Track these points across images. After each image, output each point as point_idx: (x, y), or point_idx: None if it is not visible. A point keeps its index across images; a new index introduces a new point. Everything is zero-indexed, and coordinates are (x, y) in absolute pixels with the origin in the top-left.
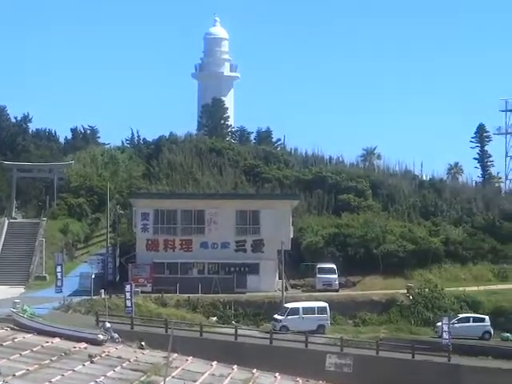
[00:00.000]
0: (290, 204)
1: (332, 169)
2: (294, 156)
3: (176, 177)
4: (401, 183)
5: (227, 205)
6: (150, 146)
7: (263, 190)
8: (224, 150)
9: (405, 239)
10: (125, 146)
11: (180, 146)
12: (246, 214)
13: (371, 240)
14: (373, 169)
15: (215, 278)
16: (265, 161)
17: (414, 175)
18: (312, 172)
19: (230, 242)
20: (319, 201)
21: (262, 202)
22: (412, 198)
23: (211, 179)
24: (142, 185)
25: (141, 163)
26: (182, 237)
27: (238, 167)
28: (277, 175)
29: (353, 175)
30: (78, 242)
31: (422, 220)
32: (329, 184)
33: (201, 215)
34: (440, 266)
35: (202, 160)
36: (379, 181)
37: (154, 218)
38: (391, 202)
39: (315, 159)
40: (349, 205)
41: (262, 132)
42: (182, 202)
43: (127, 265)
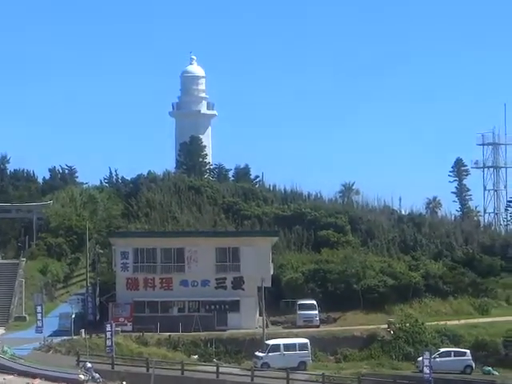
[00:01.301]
0: (269, 241)
1: (311, 205)
2: (272, 193)
3: (155, 215)
4: (380, 218)
5: (207, 242)
6: (128, 185)
7: (243, 227)
8: (203, 187)
9: (385, 274)
10: (103, 186)
11: (158, 184)
12: (225, 252)
13: (351, 275)
14: (351, 204)
15: (196, 316)
16: (244, 198)
17: (393, 210)
18: (291, 208)
19: (210, 279)
20: (299, 237)
21: (242, 239)
22: (391, 233)
23: (190, 217)
24: (121, 224)
25: (119, 202)
26: (162, 275)
27: (217, 205)
28: (256, 212)
29: (332, 211)
30: (58, 282)
31: (401, 255)
32: (308, 220)
33: (180, 253)
34: (420, 301)
35: (180, 198)
36: (358, 216)
37: (134, 257)
38: (370, 237)
39: (294, 195)
40: (328, 241)
41: (240, 169)
42: (162, 240)
43: (107, 304)
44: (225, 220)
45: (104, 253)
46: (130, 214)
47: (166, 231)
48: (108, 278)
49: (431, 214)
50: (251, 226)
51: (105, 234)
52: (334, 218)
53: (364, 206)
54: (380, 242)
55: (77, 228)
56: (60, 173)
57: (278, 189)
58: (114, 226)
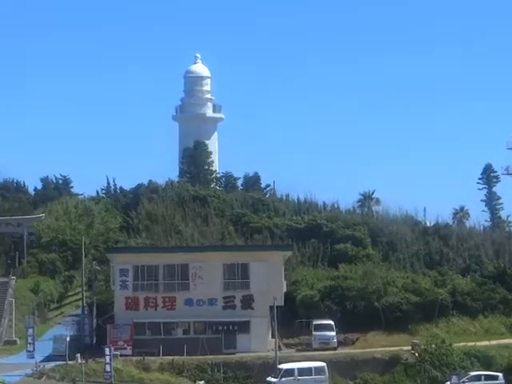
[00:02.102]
0: (282, 255)
1: (327, 216)
2: (285, 203)
3: (157, 229)
4: (402, 230)
5: (213, 258)
6: (127, 196)
7: (252, 240)
8: (209, 198)
9: (408, 291)
10: (100, 197)
11: (160, 195)
12: (234, 268)
13: (371, 293)
14: (371, 215)
15: (202, 339)
16: (253, 209)
17: (417, 221)
18: (305, 220)
19: (217, 298)
20: (314, 251)
21: (252, 254)
22: (415, 246)
23: (195, 230)
24: (119, 238)
25: (118, 215)
26: (165, 294)
27: (225, 216)
28: (267, 224)
29: (350, 222)
30: (51, 302)
31: (426, 270)
32: (324, 232)
33: (185, 270)
34: (447, 320)
35: (184, 210)
36: (379, 228)
37: (134, 274)
38: (392, 250)
39: (308, 206)
40: (346, 255)
41: (249, 177)
42: (164, 256)
43: (105, 326)
44: (233, 233)
45: (101, 270)
46: (129, 228)
47: (168, 246)
48: (106, 298)
49: (458, 225)
50: (262, 239)
51: (102, 249)
52: (353, 230)
53: (385, 217)
54: (403, 256)
55: (71, 243)
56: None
57: (291, 199)
58: (112, 240)
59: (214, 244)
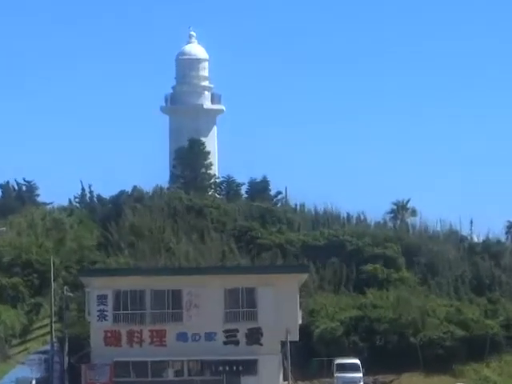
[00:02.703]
0: (296, 279)
1: (351, 230)
2: (299, 214)
3: (143, 246)
4: (444, 248)
5: (212, 282)
6: (106, 206)
7: (260, 260)
8: (206, 208)
9: (452, 323)
10: (73, 207)
11: (147, 204)
12: (237, 294)
13: (407, 325)
14: (406, 229)
15: (198, 381)
16: (261, 221)
17: (462, 237)
18: (325, 235)
19: (216, 331)
20: (336, 274)
21: (259, 277)
22: (460, 268)
23: (190, 248)
24: (97, 258)
25: (95, 229)
26: (153, 326)
27: (226, 231)
28: (278, 240)
29: (380, 238)
30: (13, 337)
31: (474, 296)
32: (348, 251)
33: (177, 297)
34: (500, 358)
35: (177, 222)
36: (415, 245)
37: (115, 302)
38: (432, 273)
39: (329, 218)
40: (375, 278)
41: (256, 183)
42: (152, 279)
43: (79, 366)
44: (236, 251)
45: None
46: (108, 245)
47: (157, 267)
48: (80, 331)
49: None
50: (272, 258)
51: (75, 271)
52: (383, 247)
53: (423, 232)
54: (445, 280)
55: (38, 264)
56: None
57: (308, 209)
58: (88, 260)
59: (213, 265)
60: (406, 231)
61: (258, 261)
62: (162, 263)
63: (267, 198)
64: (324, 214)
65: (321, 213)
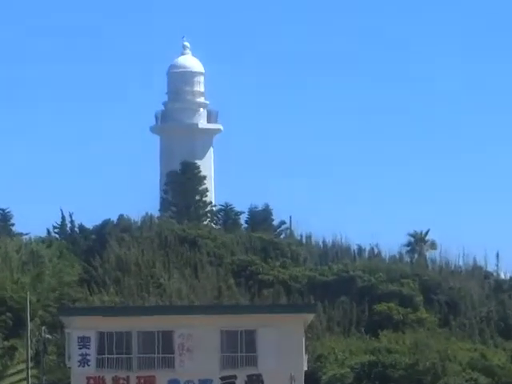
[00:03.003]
0: (301, 319)
1: (363, 265)
2: (305, 247)
3: (129, 282)
4: (467, 285)
5: (208, 322)
6: (89, 237)
7: (261, 298)
8: (201, 239)
9: (475, 369)
10: (52, 238)
11: (135, 235)
12: (235, 337)
13: (425, 372)
14: (424, 264)
15: None
16: (263, 255)
17: (487, 272)
18: (334, 271)
19: (212, 378)
20: (346, 313)
21: (260, 318)
22: (485, 307)
23: (183, 284)
24: (78, 295)
25: (76, 262)
26: (141, 372)
27: (223, 265)
28: (281, 276)
29: (395, 274)
30: None
31: (500, 340)
32: (359, 288)
33: (168, 339)
34: None
35: (168, 256)
36: (435, 282)
37: (98, 345)
38: (454, 313)
39: (338, 251)
40: (390, 319)
41: (256, 212)
42: (140, 319)
43: None
44: (235, 288)
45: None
46: (91, 281)
47: (145, 306)
48: (59, 377)
49: None
50: (274, 296)
51: (54, 310)
52: (399, 284)
53: (444, 267)
54: (468, 321)
55: (12, 302)
56: None
57: (315, 241)
58: (69, 298)
59: (209, 303)
60: (425, 266)
61: (259, 299)
62: (151, 301)
63: (269, 229)
64: (333, 247)
65: (329, 245)
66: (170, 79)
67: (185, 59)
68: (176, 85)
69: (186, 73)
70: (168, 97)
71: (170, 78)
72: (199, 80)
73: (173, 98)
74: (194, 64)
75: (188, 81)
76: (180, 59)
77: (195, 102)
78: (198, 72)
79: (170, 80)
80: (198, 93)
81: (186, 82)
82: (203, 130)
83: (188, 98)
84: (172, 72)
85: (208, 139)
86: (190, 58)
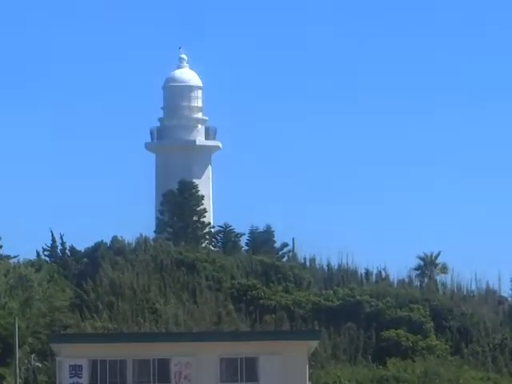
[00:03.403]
0: (305, 346)
1: (371, 290)
2: (309, 270)
3: (124, 307)
4: (481, 310)
5: (206, 350)
6: (81, 260)
7: (263, 324)
8: (199, 263)
9: None
10: (42, 261)
11: (129, 258)
12: (236, 365)
13: None
14: (435, 289)
15: None
16: (264, 279)
17: (501, 298)
18: (339, 295)
19: None
20: (352, 340)
21: (262, 345)
22: (499, 334)
23: (180, 310)
24: (69, 321)
25: (67, 287)
26: None
27: (222, 290)
28: (284, 301)
29: (404, 299)
30: None
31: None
32: (366, 314)
33: (165, 367)
34: None
35: (164, 280)
36: (446, 307)
37: (91, 374)
38: (465, 340)
39: (343, 275)
40: (399, 346)
41: (258, 233)
42: (135, 346)
43: None
44: (234, 314)
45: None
46: (83, 306)
47: (141, 333)
48: None
49: None
50: (276, 323)
51: (44, 337)
52: (408, 310)
53: (455, 292)
54: (481, 349)
55: (0, 328)
56: None
57: (319, 264)
58: (60, 324)
59: (207, 330)
60: (435, 291)
61: (261, 325)
62: (146, 327)
63: (271, 252)
64: (338, 271)
65: (334, 269)
66: (166, 94)
67: (181, 72)
68: (172, 100)
69: (183, 87)
70: (164, 112)
71: (165, 92)
72: (197, 95)
73: (169, 113)
74: (192, 77)
75: (185, 95)
76: (177, 72)
77: (193, 118)
78: (195, 86)
79: (165, 94)
80: (195, 108)
81: (183, 96)
82: (201, 147)
83: (185, 114)
84: (168, 86)
85: (206, 157)
86: (188, 71)
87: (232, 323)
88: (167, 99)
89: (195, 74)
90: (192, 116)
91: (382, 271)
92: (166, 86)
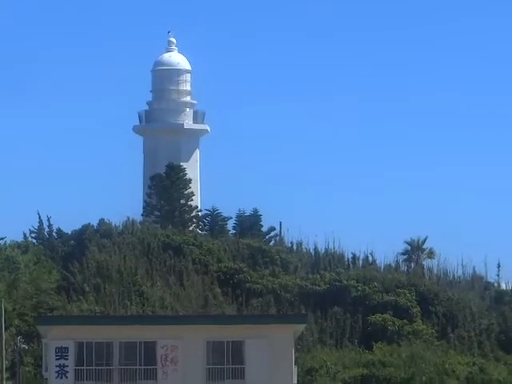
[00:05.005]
0: (291, 330)
1: (357, 274)
2: (296, 254)
3: (110, 289)
4: (467, 296)
5: (192, 333)
6: (68, 242)
7: (249, 308)
8: (186, 246)
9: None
10: (29, 243)
11: (116, 241)
12: (222, 348)
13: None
14: (422, 274)
15: None
16: (251, 262)
17: (488, 283)
18: (326, 280)
19: None
20: (338, 325)
21: (248, 329)
22: (485, 319)
23: (166, 293)
24: (56, 303)
25: (54, 269)
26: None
27: (209, 273)
28: (270, 285)
29: (390, 284)
30: None
31: (501, 353)
32: (353, 298)
33: (151, 350)
34: None
35: (151, 263)
36: (432, 292)
37: (77, 356)
38: (452, 325)
39: (331, 259)
40: (385, 330)
41: (245, 217)
42: (121, 329)
43: None
44: (221, 297)
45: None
46: (70, 288)
47: (127, 316)
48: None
49: None
50: (263, 306)
51: (31, 319)
52: (395, 294)
53: (442, 277)
54: (467, 334)
55: None
56: None
57: (306, 248)
58: (46, 306)
59: (194, 313)
60: (422, 276)
61: (247, 309)
62: (132, 310)
63: (258, 235)
64: (325, 255)
65: (321, 253)
66: (155, 77)
67: (170, 56)
68: (161, 83)
69: (171, 70)
70: (152, 96)
71: (154, 75)
72: (185, 78)
73: (157, 96)
74: (181, 61)
75: (174, 79)
76: (165, 56)
77: (181, 102)
78: (184, 70)
79: (154, 78)
80: (184, 92)
81: (172, 80)
82: (189, 130)
83: (173, 98)
84: (157, 69)
85: (194, 140)
86: (176, 55)
87: (218, 307)
88: (156, 82)
89: (184, 58)
90: (180, 99)
91: (368, 256)
92: (155, 69)
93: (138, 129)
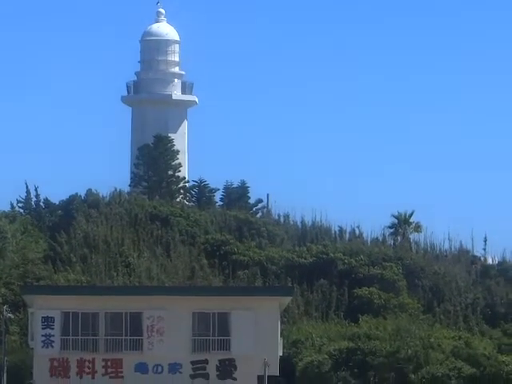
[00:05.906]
0: (277, 302)
1: (344, 247)
2: (283, 227)
3: (97, 260)
4: (453, 270)
5: (179, 304)
6: (55, 212)
7: (235, 280)
8: (173, 217)
9: (460, 358)
10: (16, 212)
11: (103, 211)
12: (208, 319)
13: (406, 360)
14: (408, 247)
15: None
16: (238, 234)
17: (474, 257)
18: (312, 252)
19: (182, 363)
20: (324, 297)
21: (234, 300)
22: (471, 293)
23: (153, 264)
24: (43, 273)
25: (41, 239)
26: (107, 355)
27: (196, 245)
28: (257, 257)
29: (377, 257)
30: None
31: (486, 328)
32: (339, 271)
33: (137, 321)
34: None
35: (138, 233)
36: (419, 266)
37: (63, 326)
38: (438, 299)
39: (317, 232)
40: (371, 303)
41: (232, 189)
42: (107, 300)
43: None
44: (207, 268)
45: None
46: (57, 258)
47: (113, 286)
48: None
49: None
50: (249, 278)
51: (17, 288)
52: (381, 268)
53: (428, 251)
54: (453, 308)
55: None
56: None
57: (293, 221)
58: (33, 276)
59: (180, 284)
60: (409, 249)
61: (233, 281)
62: (119, 281)
63: (245, 207)
64: (312, 228)
65: (308, 226)
66: (143, 47)
67: (159, 26)
68: (149, 53)
69: (160, 41)
70: (141, 66)
71: (143, 46)
72: (174, 49)
73: (146, 67)
74: (169, 32)
75: (162, 49)
76: (154, 26)
77: (169, 73)
78: (172, 40)
79: (142, 48)
80: (172, 62)
81: (160, 50)
82: (177, 101)
83: (162, 68)
84: (145, 40)
85: (182, 111)
86: (165, 26)
87: (205, 278)
88: (144, 53)
89: (172, 29)
90: (169, 70)
91: (355, 229)
92: (143, 39)
93: (126, 99)
